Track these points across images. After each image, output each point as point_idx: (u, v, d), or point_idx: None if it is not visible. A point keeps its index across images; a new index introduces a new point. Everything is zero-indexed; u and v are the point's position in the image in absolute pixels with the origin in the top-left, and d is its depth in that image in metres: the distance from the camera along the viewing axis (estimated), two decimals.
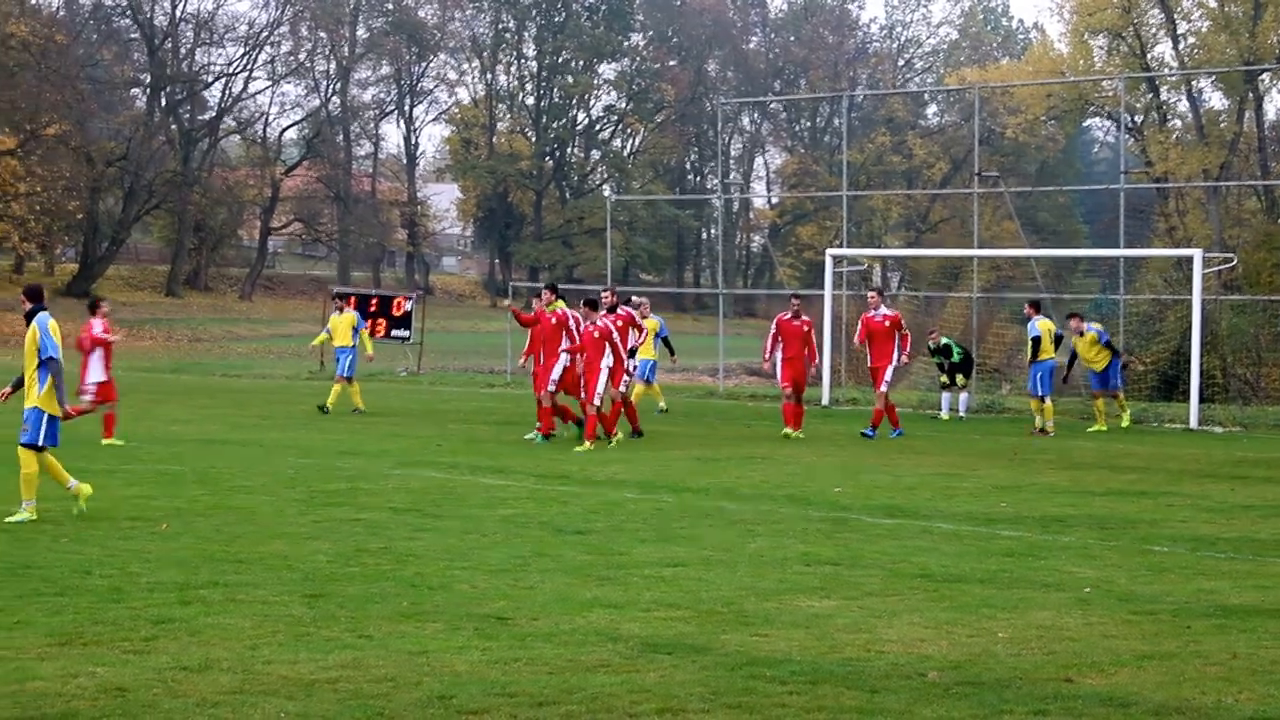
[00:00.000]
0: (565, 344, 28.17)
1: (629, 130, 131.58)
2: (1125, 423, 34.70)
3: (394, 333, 51.81)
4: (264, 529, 16.66)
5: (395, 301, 52.80)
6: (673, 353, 37.45)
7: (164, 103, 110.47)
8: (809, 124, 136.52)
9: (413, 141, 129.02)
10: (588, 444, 26.94)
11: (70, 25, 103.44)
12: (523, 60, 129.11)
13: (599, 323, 27.77)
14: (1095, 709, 9.78)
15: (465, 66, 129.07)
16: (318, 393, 38.26)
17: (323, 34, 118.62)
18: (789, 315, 30.56)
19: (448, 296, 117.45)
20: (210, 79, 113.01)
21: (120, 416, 27.23)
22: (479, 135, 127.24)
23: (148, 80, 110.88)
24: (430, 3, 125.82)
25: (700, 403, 42.97)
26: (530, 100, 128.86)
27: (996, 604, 13.09)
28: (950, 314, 47.12)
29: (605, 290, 30.52)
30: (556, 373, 28.25)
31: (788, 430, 30.29)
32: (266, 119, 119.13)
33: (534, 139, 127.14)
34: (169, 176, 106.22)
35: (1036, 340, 33.26)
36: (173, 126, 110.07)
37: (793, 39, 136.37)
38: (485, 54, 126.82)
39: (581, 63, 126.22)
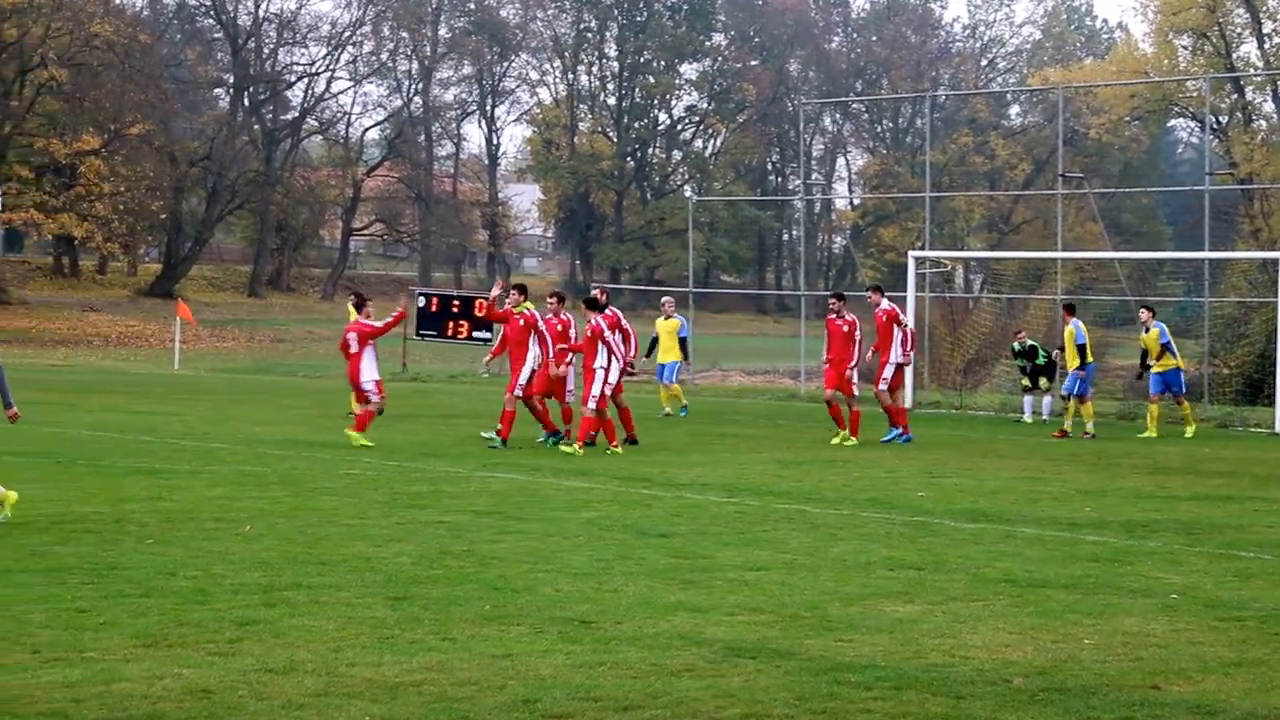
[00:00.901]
0: (544, 348, 27.51)
1: (710, 130, 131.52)
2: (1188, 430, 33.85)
3: (476, 334, 51.86)
4: (347, 531, 16.68)
5: (477, 303, 52.85)
6: (686, 356, 37.05)
7: (247, 102, 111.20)
8: (891, 124, 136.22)
9: (494, 142, 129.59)
10: (577, 447, 26.37)
11: (154, 25, 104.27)
12: (604, 60, 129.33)
13: (594, 322, 26.99)
14: (1182, 716, 9.68)
15: (547, 66, 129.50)
16: (398, 394, 38.29)
17: (404, 34, 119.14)
18: (833, 315, 29.75)
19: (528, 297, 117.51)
20: (293, 79, 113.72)
21: (202, 417, 27.38)
22: (560, 135, 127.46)
23: (231, 80, 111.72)
24: (512, 2, 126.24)
25: (782, 405, 42.87)
26: (611, 100, 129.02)
27: (1081, 610, 12.98)
28: (1033, 316, 46.84)
29: (596, 288, 29.99)
30: (524, 376, 27.33)
31: (840, 436, 29.35)
32: (349, 119, 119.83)
33: (615, 139, 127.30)
34: (251, 176, 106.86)
35: (1083, 346, 32.92)
36: (255, 126, 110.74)
37: (875, 39, 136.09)
38: (567, 54, 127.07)
39: (663, 62, 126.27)
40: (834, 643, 11.58)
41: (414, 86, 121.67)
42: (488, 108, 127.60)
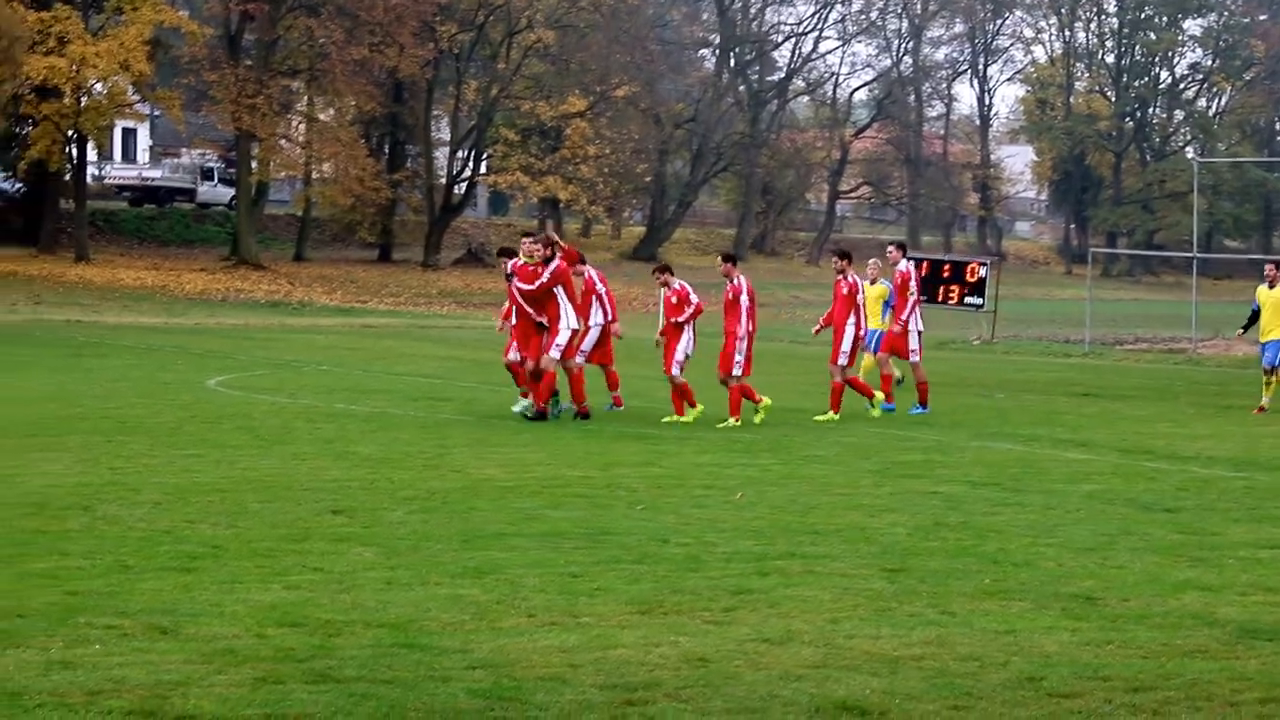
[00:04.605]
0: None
1: (1215, 89, 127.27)
2: None
3: (967, 300, 51.19)
4: (839, 500, 16.48)
5: (968, 268, 52.21)
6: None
7: (733, 63, 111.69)
8: None
9: (986, 102, 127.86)
10: (732, 420, 24.09)
11: None
12: (1103, 16, 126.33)
13: (735, 281, 24.64)
14: None
15: (1042, 24, 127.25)
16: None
17: None
18: (838, 275, 26.18)
19: (1020, 263, 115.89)
20: (780, 39, 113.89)
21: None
22: (1055, 95, 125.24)
23: (717, 40, 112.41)
24: None
25: None
26: (1110, 58, 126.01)
27: None
28: None
29: (532, 237, 25.07)
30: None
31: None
32: (836, 79, 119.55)
33: (1113, 99, 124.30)
34: (737, 138, 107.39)
35: None
36: (741, 87, 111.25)
37: None
38: (1063, 10, 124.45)
39: (1165, 18, 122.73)
40: None
41: (904, 45, 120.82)
42: (980, 67, 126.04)
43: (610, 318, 25.47)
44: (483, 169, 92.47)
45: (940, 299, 51.32)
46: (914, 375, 27.61)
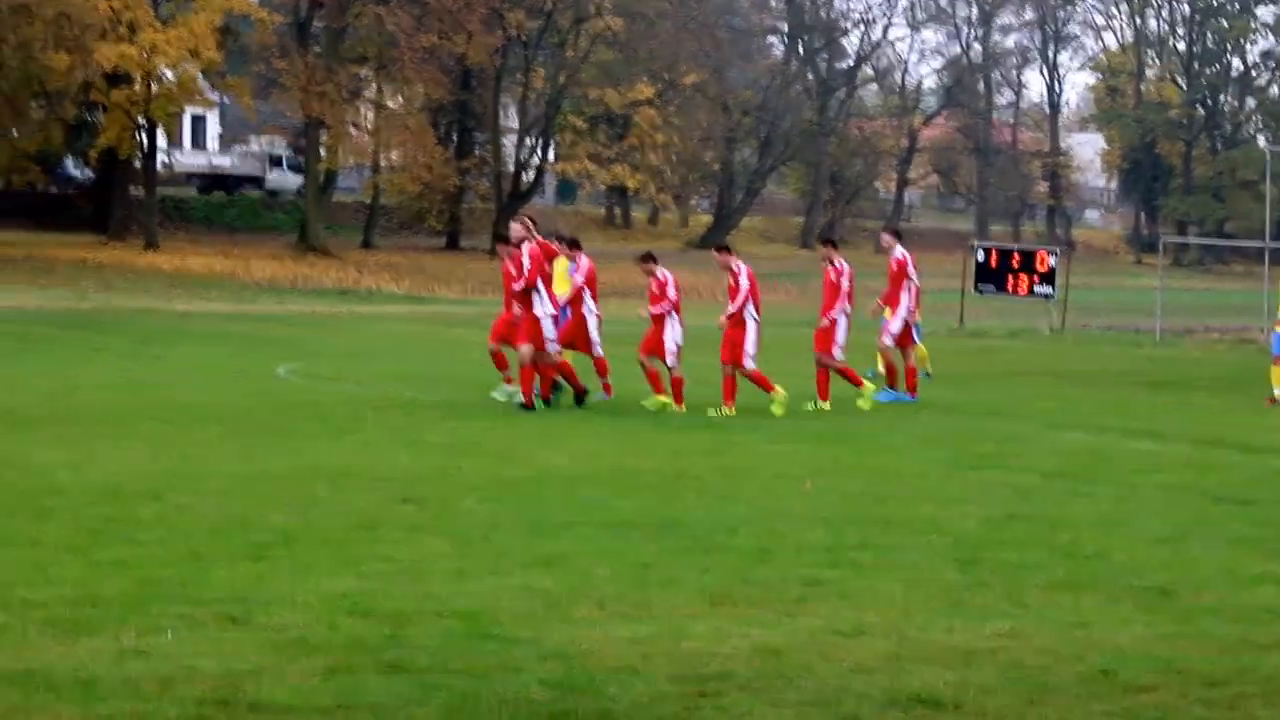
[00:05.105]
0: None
1: None
2: None
3: (1036, 289, 50.85)
4: (910, 490, 16.37)
5: (1038, 257, 51.87)
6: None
7: (801, 51, 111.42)
8: None
9: (1056, 89, 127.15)
10: (777, 405, 23.81)
11: None
12: (1175, 3, 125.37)
13: (734, 266, 24.22)
14: None
15: (1113, 10, 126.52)
16: (957, 351, 37.68)
17: None
18: (824, 262, 26.16)
19: (1090, 252, 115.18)
20: (849, 26, 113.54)
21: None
22: (1126, 83, 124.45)
23: (785, 28, 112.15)
24: None
25: None
26: (1181, 46, 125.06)
27: None
28: None
29: (517, 219, 25.16)
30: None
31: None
32: (905, 67, 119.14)
33: (1184, 86, 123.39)
34: (805, 126, 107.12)
35: None
36: (809, 75, 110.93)
37: None
38: None
39: (1237, 5, 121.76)
40: None
41: (973, 32, 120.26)
42: (1050, 54, 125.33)
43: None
44: (550, 156, 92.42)
45: (1010, 289, 51.05)
46: (884, 355, 27.46)
